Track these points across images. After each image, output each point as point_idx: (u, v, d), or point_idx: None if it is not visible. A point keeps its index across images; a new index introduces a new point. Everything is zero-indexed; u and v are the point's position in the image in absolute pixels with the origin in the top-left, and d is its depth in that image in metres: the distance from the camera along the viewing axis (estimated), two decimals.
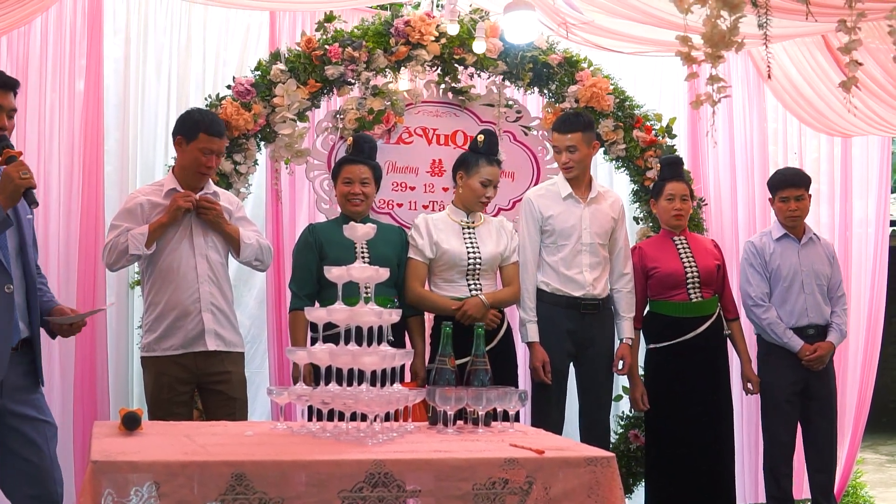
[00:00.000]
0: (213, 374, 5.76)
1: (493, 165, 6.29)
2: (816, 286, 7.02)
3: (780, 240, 7.07)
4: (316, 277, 6.01)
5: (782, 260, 7.01)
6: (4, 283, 4.71)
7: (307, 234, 6.22)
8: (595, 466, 3.79)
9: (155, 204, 5.74)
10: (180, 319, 5.70)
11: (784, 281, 6.99)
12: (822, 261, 7.10)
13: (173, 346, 5.69)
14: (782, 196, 7.00)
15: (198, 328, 5.70)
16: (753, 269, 7.06)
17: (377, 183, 6.26)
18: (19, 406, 4.81)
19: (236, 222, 5.91)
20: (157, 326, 5.73)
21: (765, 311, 6.95)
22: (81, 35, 7.02)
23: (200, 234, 5.76)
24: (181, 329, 5.69)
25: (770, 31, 4.90)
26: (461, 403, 4.32)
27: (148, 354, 5.78)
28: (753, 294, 7.02)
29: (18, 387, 4.81)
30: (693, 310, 6.74)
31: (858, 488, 8.62)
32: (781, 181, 7.05)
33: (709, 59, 4.63)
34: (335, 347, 4.12)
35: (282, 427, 4.33)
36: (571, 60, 7.32)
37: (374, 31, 6.95)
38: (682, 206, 6.82)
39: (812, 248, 7.09)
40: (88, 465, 3.38)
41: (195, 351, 5.71)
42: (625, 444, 7.39)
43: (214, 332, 5.73)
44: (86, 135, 6.93)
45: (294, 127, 6.78)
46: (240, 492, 3.39)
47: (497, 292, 6.27)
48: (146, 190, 5.92)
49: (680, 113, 8.05)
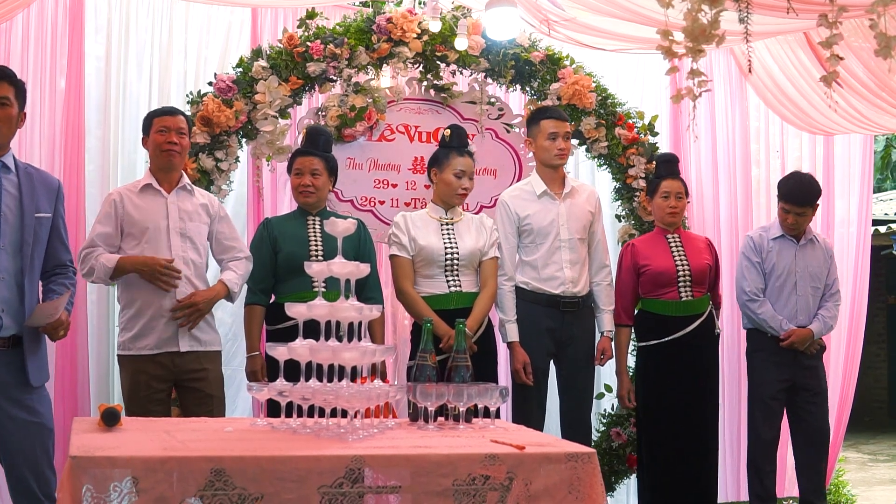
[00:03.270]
0: (189, 371, 5.75)
1: (464, 156, 6.28)
2: (810, 288, 7.02)
3: (778, 238, 7.06)
4: (271, 272, 6.08)
5: (778, 259, 7.01)
6: None
7: (262, 229, 6.25)
8: (576, 462, 3.80)
9: (128, 198, 5.76)
10: (154, 319, 5.68)
11: (777, 280, 6.99)
12: (819, 262, 7.08)
13: (148, 346, 5.68)
14: (784, 207, 6.96)
15: (171, 329, 5.69)
16: (750, 264, 7.06)
17: (332, 175, 6.25)
18: (9, 406, 4.82)
19: (217, 223, 5.92)
20: (132, 325, 5.72)
21: (759, 305, 6.96)
22: (63, 33, 6.98)
23: (178, 235, 5.75)
24: (155, 329, 5.68)
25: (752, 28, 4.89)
26: (442, 400, 4.31)
27: (124, 353, 5.76)
28: (748, 289, 7.02)
29: (7, 385, 4.81)
30: (683, 308, 6.75)
31: (841, 487, 8.64)
32: (787, 195, 6.96)
33: (690, 54, 4.63)
34: (315, 343, 4.11)
35: (262, 423, 4.34)
36: (554, 58, 7.33)
37: (356, 27, 6.94)
38: (677, 203, 6.81)
39: (810, 250, 7.07)
40: (67, 460, 3.37)
41: (170, 351, 5.70)
42: (606, 441, 7.39)
43: (189, 333, 5.73)
44: (67, 133, 6.90)
45: (276, 124, 6.77)
46: (219, 487, 3.39)
47: (475, 312, 6.18)
48: (123, 188, 5.94)
49: (662, 111, 8.03)
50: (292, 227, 6.14)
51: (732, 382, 8.26)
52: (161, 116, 5.84)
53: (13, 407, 4.83)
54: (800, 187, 6.97)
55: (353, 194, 7.12)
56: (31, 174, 5.02)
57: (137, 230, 5.71)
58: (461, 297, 6.20)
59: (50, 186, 5.10)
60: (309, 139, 6.22)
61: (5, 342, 4.81)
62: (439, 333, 5.93)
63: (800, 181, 7.02)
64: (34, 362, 4.93)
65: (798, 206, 6.91)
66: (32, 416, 4.87)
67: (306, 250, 6.02)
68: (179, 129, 5.81)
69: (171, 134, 5.77)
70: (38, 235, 4.95)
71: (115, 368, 6.91)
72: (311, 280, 5.73)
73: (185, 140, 5.86)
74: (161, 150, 5.78)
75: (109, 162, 7.15)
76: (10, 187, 4.87)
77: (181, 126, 5.83)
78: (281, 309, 5.04)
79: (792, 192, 6.96)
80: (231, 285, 5.80)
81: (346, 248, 4.31)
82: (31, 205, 4.90)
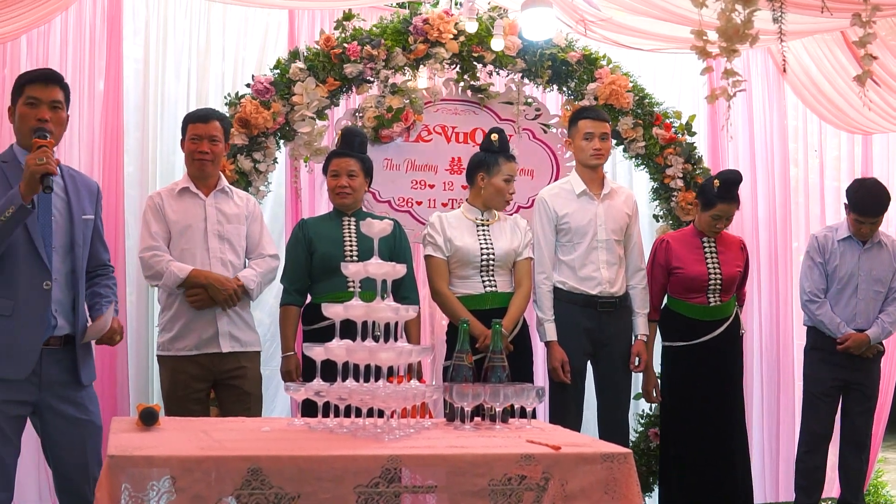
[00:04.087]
0: (228, 370, 5.79)
1: (511, 161, 6.31)
2: (873, 292, 7.02)
3: (844, 240, 7.05)
4: (306, 272, 6.09)
5: (841, 261, 7.01)
6: (44, 279, 4.80)
7: (297, 230, 6.26)
8: (612, 463, 3.79)
9: (167, 201, 5.83)
10: (194, 321, 5.73)
11: (839, 283, 6.99)
12: (885, 266, 7.08)
13: (187, 347, 5.73)
14: (858, 219, 6.94)
15: (211, 330, 5.74)
16: (813, 264, 7.07)
17: (367, 176, 6.25)
18: (59, 403, 4.87)
19: (250, 222, 5.95)
20: (171, 326, 5.77)
21: (819, 306, 6.96)
22: (101, 35, 7.04)
23: (215, 237, 5.79)
24: (195, 331, 5.73)
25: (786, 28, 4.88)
26: (478, 400, 4.31)
27: (164, 353, 5.82)
28: (809, 289, 7.04)
29: (58, 383, 4.86)
30: (710, 313, 6.74)
31: (880, 487, 8.59)
32: (860, 207, 6.92)
33: (724, 53, 4.62)
34: (352, 343, 4.12)
35: (299, 423, 4.34)
36: (590, 58, 7.32)
37: (393, 29, 6.96)
38: (724, 224, 6.78)
39: (875, 253, 7.07)
40: (105, 459, 3.39)
41: (209, 352, 5.74)
42: (644, 442, 7.38)
43: (229, 334, 5.78)
44: (106, 135, 6.96)
45: (313, 125, 6.80)
46: (256, 486, 3.40)
47: (510, 312, 6.19)
48: (162, 191, 5.99)
49: (699, 111, 8.01)
50: (327, 228, 6.15)
51: (770, 383, 8.23)
52: (194, 123, 5.87)
53: (64, 404, 4.87)
54: (870, 198, 6.95)
55: (390, 195, 7.14)
56: (73, 176, 5.06)
57: (175, 232, 5.76)
58: (496, 298, 6.20)
59: (90, 188, 5.14)
60: (344, 141, 6.23)
61: (59, 341, 4.86)
62: (475, 334, 5.93)
63: (869, 192, 6.98)
64: (85, 361, 4.97)
65: (873, 216, 6.92)
66: (82, 414, 4.90)
67: (341, 251, 6.03)
68: (212, 137, 5.82)
69: (203, 143, 5.80)
70: (84, 237, 5.00)
71: (154, 368, 6.97)
72: (347, 280, 5.77)
73: (217, 147, 5.87)
74: (193, 159, 5.84)
75: (148, 163, 7.20)
76: (58, 190, 4.92)
77: (213, 133, 5.83)
78: (316, 309, 5.07)
79: (864, 203, 6.93)
80: (246, 282, 5.78)
81: (380, 249, 4.31)
82: (79, 207, 4.96)
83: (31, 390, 4.81)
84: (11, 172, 4.76)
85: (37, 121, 4.81)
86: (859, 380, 7.01)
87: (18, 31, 6.51)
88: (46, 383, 4.82)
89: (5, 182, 4.76)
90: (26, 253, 4.78)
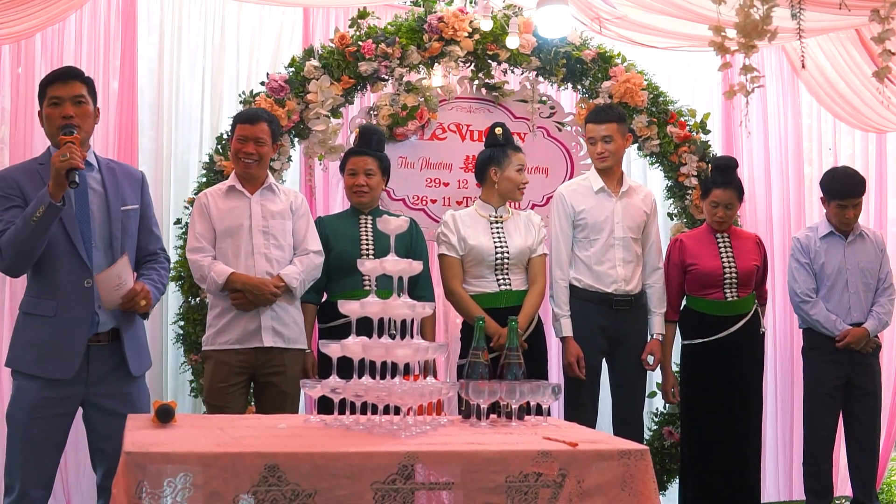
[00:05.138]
0: (268, 366, 5.79)
1: (519, 152, 6.34)
2: (862, 284, 6.99)
3: (826, 237, 7.03)
4: (323, 270, 6.05)
5: (827, 258, 6.99)
6: (84, 277, 4.85)
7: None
8: (628, 459, 3.78)
9: (213, 200, 5.86)
10: (238, 316, 5.74)
11: (828, 279, 6.97)
12: (870, 257, 7.07)
13: (230, 340, 5.74)
14: (840, 204, 6.93)
15: (254, 324, 5.74)
16: (799, 265, 7.05)
17: (385, 174, 6.28)
18: (103, 398, 4.91)
19: (296, 219, 5.95)
20: (217, 322, 5.80)
21: (811, 306, 6.94)
22: (115, 34, 7.06)
23: (260, 234, 5.80)
24: (239, 325, 5.74)
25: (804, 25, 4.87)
26: (494, 397, 4.30)
27: (208, 348, 5.84)
28: (799, 291, 7.01)
29: (107, 378, 4.91)
30: (728, 308, 6.71)
31: (893, 486, 8.57)
32: (840, 191, 6.94)
33: (742, 49, 4.61)
34: (368, 340, 4.11)
35: (315, 420, 4.34)
36: (605, 56, 7.31)
37: (408, 27, 6.95)
38: (724, 213, 6.75)
39: (859, 245, 7.06)
40: (122, 456, 3.38)
41: (252, 346, 5.76)
42: (659, 440, 7.36)
43: (272, 329, 5.77)
44: (120, 134, 6.98)
45: (328, 123, 6.80)
46: (273, 483, 3.39)
47: (525, 309, 6.19)
48: (210, 190, 6.00)
49: (714, 109, 8.00)
50: (344, 226, 6.16)
51: (784, 381, 8.22)
52: (242, 124, 5.87)
53: (110, 400, 4.91)
54: (849, 181, 6.97)
55: (404, 193, 7.14)
56: (113, 168, 5.09)
57: (221, 230, 5.79)
58: (511, 296, 6.20)
59: (133, 178, 5.17)
60: (362, 139, 6.24)
61: (104, 337, 4.89)
62: (489, 333, 5.93)
63: (844, 174, 7.03)
64: (133, 351, 4.99)
65: (855, 197, 6.92)
66: (128, 409, 4.88)
67: (358, 249, 6.04)
68: (258, 139, 5.82)
69: (249, 144, 5.81)
70: (126, 229, 5.02)
71: (168, 367, 7.01)
72: (363, 278, 5.81)
73: (263, 148, 5.86)
74: (238, 159, 5.85)
75: (163, 162, 7.23)
76: (95, 184, 4.95)
77: (259, 135, 5.83)
78: (332, 307, 5.06)
79: (843, 186, 6.95)
80: (288, 280, 5.76)
81: (397, 247, 4.30)
82: (117, 199, 4.98)
83: (78, 388, 4.87)
84: (46, 173, 4.78)
85: (62, 119, 4.86)
86: (860, 377, 6.99)
87: (33, 29, 6.53)
88: (94, 380, 4.89)
89: (41, 183, 4.79)
90: (66, 253, 4.83)
